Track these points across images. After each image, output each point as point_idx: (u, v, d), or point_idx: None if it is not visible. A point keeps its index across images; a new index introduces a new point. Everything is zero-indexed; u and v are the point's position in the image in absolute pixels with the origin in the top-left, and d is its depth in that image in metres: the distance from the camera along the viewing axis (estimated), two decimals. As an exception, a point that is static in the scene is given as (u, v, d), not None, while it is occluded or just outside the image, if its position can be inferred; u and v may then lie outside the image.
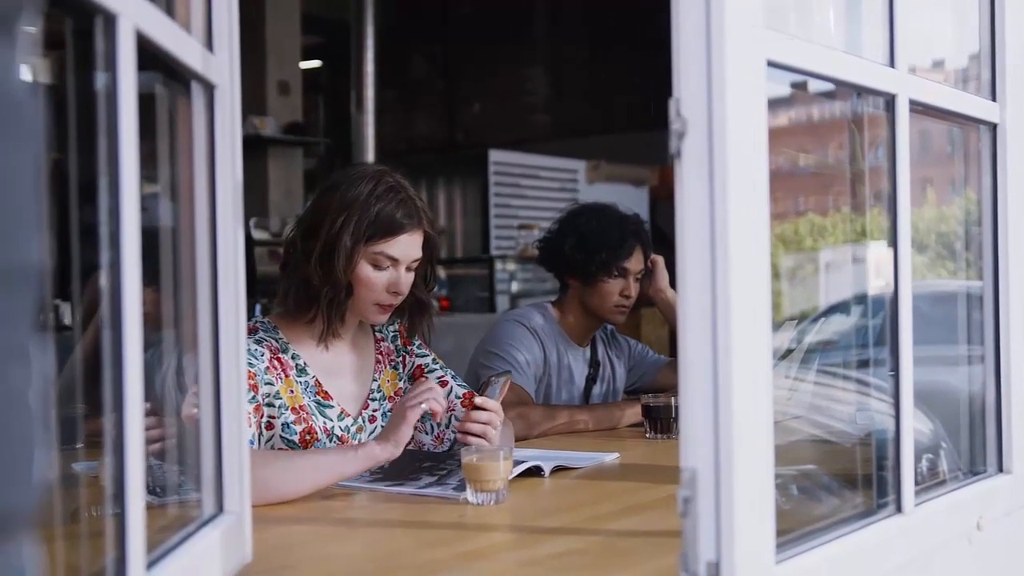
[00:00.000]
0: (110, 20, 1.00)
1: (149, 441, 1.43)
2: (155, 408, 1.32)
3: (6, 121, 0.57)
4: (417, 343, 2.46)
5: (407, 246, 2.23)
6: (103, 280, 1.02)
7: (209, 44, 1.36)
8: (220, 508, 1.38)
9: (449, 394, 2.35)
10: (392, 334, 2.45)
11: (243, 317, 1.43)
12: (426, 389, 2.06)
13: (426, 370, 2.44)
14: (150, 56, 1.12)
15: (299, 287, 2.22)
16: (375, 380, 2.37)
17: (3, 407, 0.57)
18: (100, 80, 1.03)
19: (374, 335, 2.42)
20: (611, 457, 2.38)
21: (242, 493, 1.41)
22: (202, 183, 1.37)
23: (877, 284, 1.99)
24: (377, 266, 2.21)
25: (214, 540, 1.31)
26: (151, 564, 1.11)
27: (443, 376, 2.43)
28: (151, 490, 1.28)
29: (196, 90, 1.35)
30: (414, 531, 1.75)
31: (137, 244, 1.03)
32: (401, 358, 2.44)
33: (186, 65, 1.25)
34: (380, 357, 2.40)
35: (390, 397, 2.38)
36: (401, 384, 2.41)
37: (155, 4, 1.12)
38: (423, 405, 2.02)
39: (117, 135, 1.01)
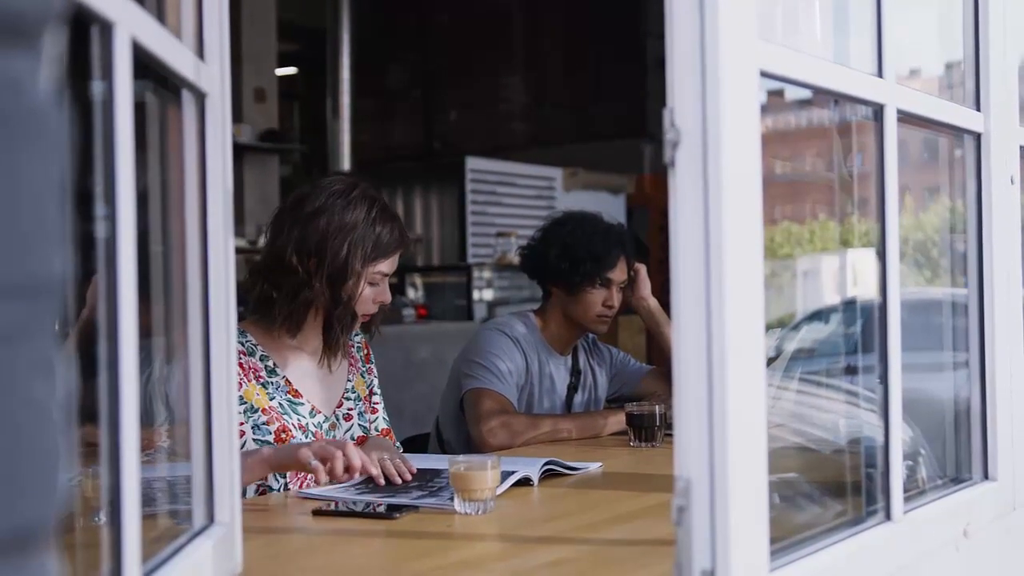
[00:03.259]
0: (107, 29, 0.99)
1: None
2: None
3: (34, 133, 0.57)
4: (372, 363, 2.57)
5: (396, 261, 2.37)
6: (99, 289, 1.01)
7: (200, 52, 1.35)
8: (211, 519, 1.37)
9: (347, 432, 2.43)
10: (357, 345, 2.54)
11: (233, 328, 1.42)
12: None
13: (373, 392, 2.55)
14: (142, 64, 1.11)
15: (303, 307, 2.29)
16: (349, 380, 2.46)
17: (29, 419, 0.56)
18: (95, 88, 1.02)
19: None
20: (595, 467, 2.39)
21: (233, 504, 1.40)
22: (192, 191, 1.36)
23: (856, 292, 2.00)
24: (372, 283, 2.33)
25: (206, 551, 1.30)
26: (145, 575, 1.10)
27: (378, 403, 2.55)
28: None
29: (187, 99, 1.34)
30: (403, 541, 1.74)
31: (133, 252, 1.03)
32: (367, 368, 2.55)
33: (179, 74, 1.25)
34: (352, 360, 2.49)
35: (364, 398, 2.48)
36: (367, 390, 2.52)
37: (149, 12, 1.12)
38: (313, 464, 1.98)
39: (113, 143, 1.01)
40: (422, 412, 5.19)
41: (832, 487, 1.77)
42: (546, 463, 2.23)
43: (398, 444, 2.53)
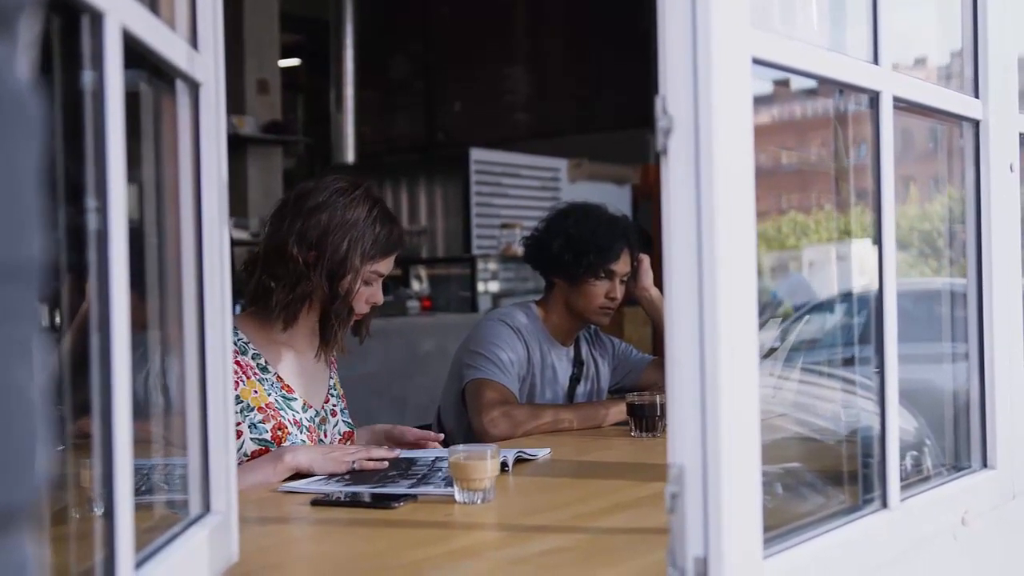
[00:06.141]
0: (97, 18, 0.99)
1: None
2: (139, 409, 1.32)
3: (9, 119, 0.57)
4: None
5: (392, 263, 2.40)
6: (91, 282, 1.02)
7: (194, 42, 1.36)
8: (207, 508, 1.38)
9: (334, 427, 2.46)
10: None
11: (228, 318, 1.42)
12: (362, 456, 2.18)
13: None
14: (134, 54, 1.11)
15: (299, 300, 2.31)
16: (331, 378, 2.50)
17: (7, 402, 0.57)
18: (86, 78, 1.02)
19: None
20: (544, 452, 2.40)
21: (229, 493, 1.41)
22: (187, 182, 1.37)
23: (860, 282, 2.00)
24: (367, 282, 2.35)
25: (201, 540, 1.30)
26: (139, 564, 1.10)
27: (343, 406, 2.56)
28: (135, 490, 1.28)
29: (181, 88, 1.34)
30: (401, 530, 1.74)
31: (125, 244, 1.03)
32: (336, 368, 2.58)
33: (171, 63, 1.25)
34: (332, 360, 2.53)
35: (342, 397, 2.53)
36: (342, 390, 2.56)
37: (141, 2, 1.12)
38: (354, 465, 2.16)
39: (104, 133, 1.01)
40: (425, 404, 5.20)
41: (832, 476, 1.77)
42: (516, 457, 2.26)
43: None
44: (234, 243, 6.76)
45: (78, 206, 1.04)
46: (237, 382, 2.23)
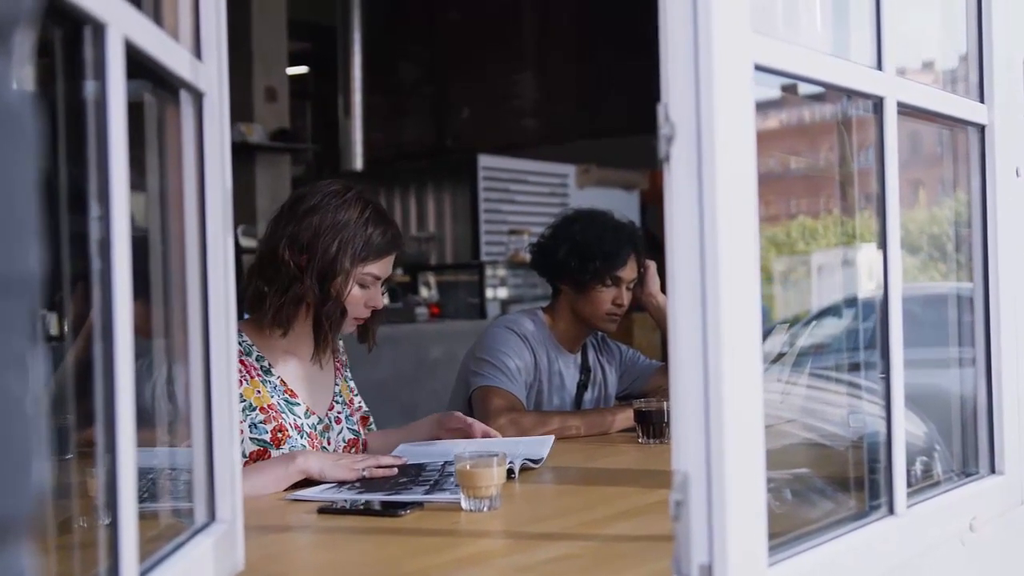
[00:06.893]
0: (99, 29, 1.00)
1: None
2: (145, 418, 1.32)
3: (6, 132, 0.57)
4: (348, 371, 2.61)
5: (389, 265, 2.39)
6: (94, 290, 1.02)
7: (197, 52, 1.36)
8: (212, 517, 1.38)
9: (339, 434, 2.46)
10: (341, 348, 2.58)
11: (233, 327, 1.42)
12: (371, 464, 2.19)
13: (354, 392, 2.58)
14: (138, 64, 1.12)
15: (292, 303, 2.31)
16: (336, 385, 2.50)
17: (2, 414, 0.57)
18: (89, 88, 1.03)
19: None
20: (549, 441, 2.43)
21: (234, 502, 1.41)
22: (191, 192, 1.37)
23: (869, 287, 2.00)
24: (362, 285, 2.35)
25: (206, 548, 1.30)
26: (144, 573, 1.10)
27: (360, 403, 2.58)
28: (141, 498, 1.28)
29: (185, 98, 1.35)
30: (407, 538, 1.74)
31: (128, 253, 1.03)
32: (348, 372, 2.58)
33: (175, 73, 1.25)
34: (338, 366, 2.53)
35: (348, 403, 2.51)
36: (351, 395, 2.55)
37: (143, 12, 1.12)
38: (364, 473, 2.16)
39: (107, 143, 1.01)
40: (434, 410, 5.19)
41: (839, 482, 1.77)
42: (522, 465, 2.25)
43: (372, 426, 2.60)
44: (243, 251, 6.77)
45: (83, 216, 1.04)
46: (240, 381, 2.24)
